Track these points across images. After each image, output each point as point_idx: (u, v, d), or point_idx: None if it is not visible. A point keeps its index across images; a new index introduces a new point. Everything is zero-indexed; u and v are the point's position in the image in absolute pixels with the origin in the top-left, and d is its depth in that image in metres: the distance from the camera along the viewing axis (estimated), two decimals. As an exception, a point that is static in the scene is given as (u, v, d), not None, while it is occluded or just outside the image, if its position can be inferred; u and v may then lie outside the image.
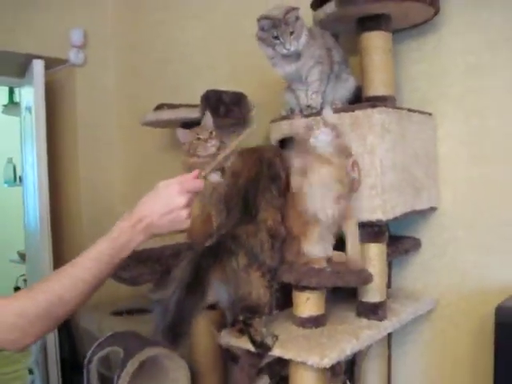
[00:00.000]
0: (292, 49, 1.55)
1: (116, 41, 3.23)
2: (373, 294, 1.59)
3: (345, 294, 1.69)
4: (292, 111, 1.73)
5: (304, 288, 1.49)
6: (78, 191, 3.09)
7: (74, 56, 2.99)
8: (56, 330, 2.82)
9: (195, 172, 1.31)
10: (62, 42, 2.96)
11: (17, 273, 4.39)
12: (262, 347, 1.40)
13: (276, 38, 1.55)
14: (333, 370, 1.43)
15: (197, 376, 2.13)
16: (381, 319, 1.59)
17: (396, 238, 1.81)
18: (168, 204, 1.24)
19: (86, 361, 2.15)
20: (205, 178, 1.34)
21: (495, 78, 1.71)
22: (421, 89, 1.87)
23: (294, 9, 1.55)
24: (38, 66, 2.69)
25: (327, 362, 1.33)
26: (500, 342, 1.40)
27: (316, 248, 1.49)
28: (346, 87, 1.72)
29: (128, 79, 3.19)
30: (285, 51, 1.56)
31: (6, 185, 4.80)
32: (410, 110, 1.68)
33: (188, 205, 1.26)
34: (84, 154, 3.10)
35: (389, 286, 1.87)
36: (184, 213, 1.26)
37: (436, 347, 1.88)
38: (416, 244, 1.86)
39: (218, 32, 2.58)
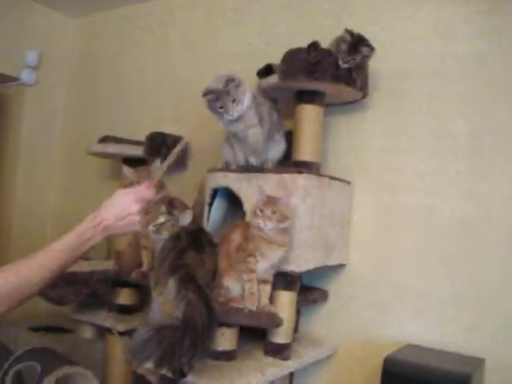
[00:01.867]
0: (235, 115, 1.71)
1: (71, 66, 3.33)
2: (281, 335, 1.76)
3: (254, 332, 1.83)
4: (227, 165, 1.89)
5: (221, 324, 1.64)
6: (12, 206, 3.11)
7: (26, 75, 3.06)
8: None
9: (147, 183, 1.53)
10: (17, 60, 3.03)
11: None
12: (180, 374, 1.53)
13: (221, 108, 1.70)
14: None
15: (109, 399, 2.22)
16: (285, 359, 1.76)
17: (307, 288, 2.01)
18: (124, 210, 1.46)
19: (1, 372, 2.19)
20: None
21: (407, 160, 1.97)
22: (344, 159, 2.10)
23: (234, 79, 1.70)
24: (-11, 82, 2.76)
25: (234, 392, 1.49)
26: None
27: (236, 286, 1.67)
28: (278, 149, 1.90)
29: (77, 105, 3.28)
30: (230, 117, 1.71)
31: None
32: (331, 178, 1.90)
33: (139, 212, 1.49)
34: (24, 170, 3.13)
35: (296, 330, 2.05)
36: (137, 218, 1.48)
37: (332, 390, 2.08)
38: (324, 295, 2.07)
39: (170, 77, 2.75)
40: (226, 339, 1.68)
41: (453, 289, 1.84)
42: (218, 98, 1.69)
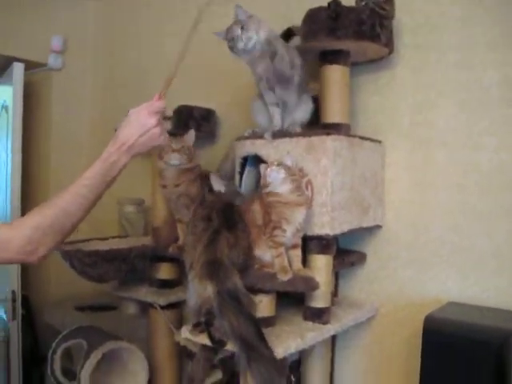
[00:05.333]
0: (247, 43, 1.74)
1: (95, 48, 3.35)
2: (319, 300, 1.75)
3: (293, 298, 1.85)
4: (254, 132, 1.89)
5: (257, 291, 1.65)
6: (47, 191, 3.17)
7: (52, 60, 3.10)
8: (19, 324, 2.90)
9: (156, 95, 1.55)
10: (43, 47, 3.07)
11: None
12: (219, 343, 1.55)
13: (232, 39, 1.77)
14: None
15: (154, 369, 2.27)
16: (324, 323, 1.76)
17: (344, 251, 1.99)
18: (142, 126, 1.47)
19: (50, 351, 2.27)
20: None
21: (439, 115, 1.91)
22: (374, 118, 2.06)
23: (240, 7, 1.77)
24: (18, 69, 2.76)
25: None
26: (426, 346, 1.59)
27: (267, 254, 1.67)
28: (305, 110, 1.85)
29: (104, 86, 3.30)
30: (241, 45, 1.75)
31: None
32: (361, 138, 1.87)
33: (158, 124, 1.49)
34: (55, 155, 3.19)
35: (335, 294, 2.05)
36: (157, 130, 1.49)
37: (374, 352, 2.07)
38: (361, 257, 2.05)
39: (195, 50, 2.72)
40: (264, 306, 1.68)
41: (492, 244, 1.79)
42: (228, 31, 1.75)
